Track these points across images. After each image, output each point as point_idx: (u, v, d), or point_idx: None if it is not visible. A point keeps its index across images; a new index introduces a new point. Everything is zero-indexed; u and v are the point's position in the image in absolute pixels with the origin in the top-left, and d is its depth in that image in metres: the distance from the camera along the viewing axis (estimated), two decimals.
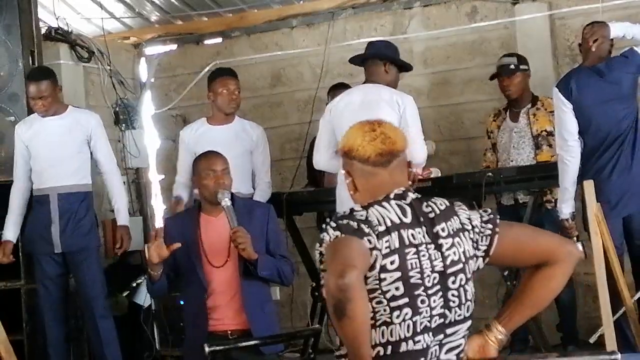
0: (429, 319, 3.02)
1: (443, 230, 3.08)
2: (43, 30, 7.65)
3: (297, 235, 7.30)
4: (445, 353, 3.08)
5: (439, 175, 6.79)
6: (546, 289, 3.19)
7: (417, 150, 6.10)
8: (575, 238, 6.07)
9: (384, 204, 3.07)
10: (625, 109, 6.00)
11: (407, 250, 3.01)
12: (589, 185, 5.54)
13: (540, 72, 7.42)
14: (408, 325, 2.99)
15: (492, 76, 7.04)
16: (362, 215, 3.02)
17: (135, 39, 8.94)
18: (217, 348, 4.17)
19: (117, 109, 8.35)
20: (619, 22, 6.20)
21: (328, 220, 3.06)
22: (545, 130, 6.83)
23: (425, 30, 7.94)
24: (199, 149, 6.53)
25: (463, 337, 3.12)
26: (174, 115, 8.80)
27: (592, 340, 5.58)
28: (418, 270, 3.01)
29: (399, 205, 3.07)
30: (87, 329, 6.78)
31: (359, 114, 6.11)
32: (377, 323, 3.00)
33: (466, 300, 3.10)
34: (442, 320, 3.05)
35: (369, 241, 2.96)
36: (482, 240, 3.14)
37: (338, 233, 2.98)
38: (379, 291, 2.98)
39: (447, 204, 3.16)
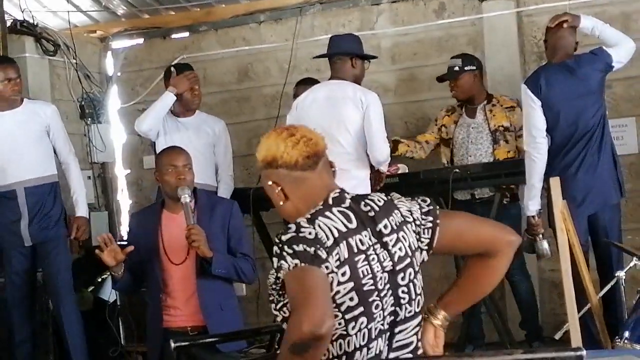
0: (382, 321, 2.98)
1: (386, 227, 3.03)
2: (8, 23, 7.61)
3: (264, 231, 7.29)
4: (393, 351, 3.01)
5: (406, 171, 6.80)
6: (488, 278, 3.22)
7: (380, 148, 6.11)
8: (541, 235, 6.08)
9: (327, 213, 3.00)
10: (593, 105, 6.02)
11: (356, 258, 2.94)
12: (555, 182, 5.55)
13: (507, 69, 7.45)
14: (364, 334, 2.94)
15: (438, 78, 7.06)
16: (310, 234, 2.92)
17: (102, 32, 8.88)
18: (183, 344, 4.15)
19: (83, 103, 8.30)
20: (589, 16, 6.23)
21: (280, 242, 2.94)
22: (502, 126, 6.88)
23: (393, 26, 7.94)
24: (160, 140, 6.53)
25: (414, 334, 3.07)
26: (140, 109, 8.71)
27: (557, 336, 5.59)
28: (370, 276, 2.95)
29: (341, 212, 3.01)
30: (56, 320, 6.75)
31: (324, 111, 6.16)
32: (334, 337, 2.93)
33: (416, 295, 3.05)
34: (392, 318, 3.00)
35: (327, 267, 2.89)
36: (424, 233, 3.09)
37: (297, 261, 2.87)
38: (334, 305, 2.90)
39: (385, 198, 3.12)
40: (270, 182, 3.12)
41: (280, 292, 2.97)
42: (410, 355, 3.02)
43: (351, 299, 2.91)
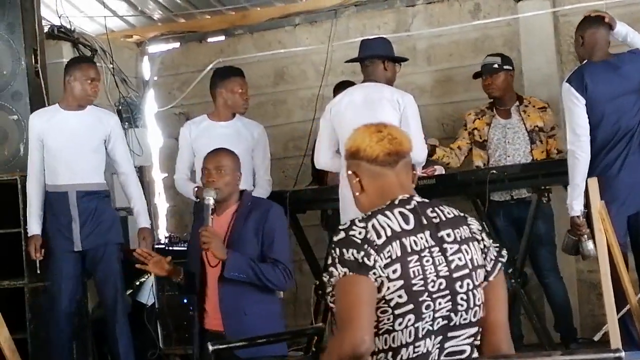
0: (431, 322, 3.05)
1: (448, 235, 3.12)
2: (46, 29, 7.64)
3: (301, 234, 7.29)
4: (446, 356, 3.09)
5: (443, 172, 6.79)
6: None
7: (417, 149, 6.09)
8: (585, 236, 5.98)
9: (387, 212, 3.11)
10: (635, 103, 5.96)
11: (409, 258, 3.04)
12: (592, 183, 5.52)
13: (544, 70, 7.42)
14: (410, 332, 3.03)
15: (475, 74, 7.05)
16: (360, 234, 3.04)
17: (138, 37, 8.93)
18: (221, 347, 4.16)
19: (120, 108, 8.33)
20: (622, 23, 6.19)
21: (333, 243, 3.08)
22: (537, 126, 6.87)
23: (429, 27, 7.93)
24: (200, 144, 6.55)
25: (469, 343, 3.13)
26: (177, 113, 8.78)
27: (596, 338, 5.57)
28: (421, 277, 3.03)
29: (401, 213, 3.11)
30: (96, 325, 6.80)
31: (361, 113, 6.13)
32: (380, 331, 3.04)
33: (474, 305, 3.11)
34: (445, 322, 3.08)
35: (374, 273, 3.00)
36: (488, 260, 3.20)
37: (346, 270, 3.01)
38: (383, 301, 3.02)
39: (457, 213, 3.22)
40: (350, 172, 3.26)
41: (333, 296, 3.11)
42: None
43: (400, 296, 3.01)
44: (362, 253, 3.00)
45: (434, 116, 7.87)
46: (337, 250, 3.04)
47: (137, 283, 7.60)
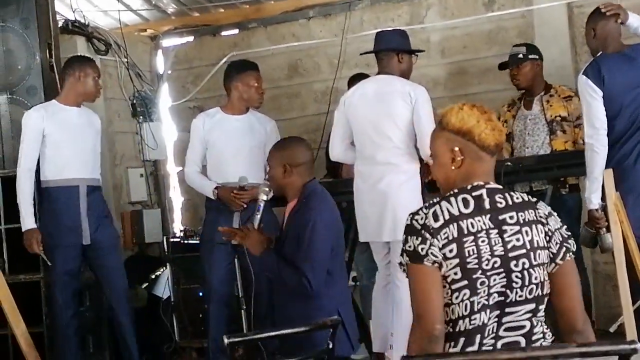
0: (486, 297, 3.27)
1: (511, 218, 3.33)
2: (60, 24, 7.66)
3: None
4: (505, 331, 3.31)
5: None
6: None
7: (428, 142, 6.07)
8: (604, 229, 5.91)
9: (452, 198, 3.35)
10: None
11: (464, 239, 3.27)
12: (608, 174, 5.50)
13: (558, 61, 7.39)
14: (466, 305, 3.27)
15: (500, 65, 7.02)
16: (421, 219, 3.32)
17: (152, 31, 8.95)
18: (236, 339, 4.15)
19: (135, 102, 8.36)
20: (635, 14, 6.16)
21: (404, 232, 3.37)
22: (560, 116, 6.83)
23: (443, 20, 7.92)
24: (213, 136, 6.54)
25: (528, 319, 3.33)
26: (191, 107, 8.80)
27: (612, 329, 5.56)
28: (475, 256, 3.26)
29: (463, 199, 3.34)
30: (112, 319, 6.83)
31: (372, 106, 6.15)
32: (443, 303, 3.29)
33: (530, 283, 3.30)
34: (502, 298, 3.29)
35: (428, 260, 3.27)
36: (554, 243, 3.37)
37: (407, 259, 3.32)
38: (442, 277, 3.29)
39: (526, 198, 3.42)
40: (457, 148, 3.43)
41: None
42: (522, 339, 3.32)
43: (455, 273, 3.26)
44: (419, 240, 3.29)
45: None
46: (405, 236, 3.35)
47: (153, 276, 7.63)
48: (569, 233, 3.42)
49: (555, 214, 3.44)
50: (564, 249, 3.37)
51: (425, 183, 6.12)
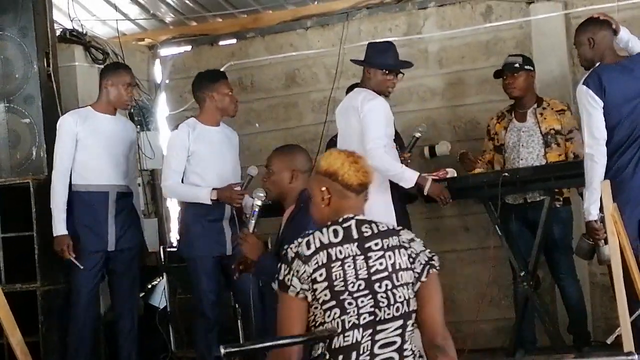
0: (357, 317, 3.63)
1: (376, 244, 3.70)
2: (58, 32, 7.66)
3: None
4: (379, 348, 3.65)
5: (455, 175, 6.77)
6: None
7: (369, 155, 5.99)
8: (603, 241, 5.84)
9: (324, 229, 3.74)
10: None
11: (332, 265, 3.64)
12: (605, 185, 5.50)
13: (556, 72, 7.40)
14: (337, 323, 3.63)
15: (496, 73, 7.03)
16: (295, 248, 3.70)
17: (150, 40, 8.94)
18: (233, 350, 4.15)
19: (132, 111, 8.33)
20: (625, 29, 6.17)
21: (283, 256, 3.72)
22: (554, 129, 6.85)
23: (440, 30, 7.92)
24: (198, 148, 6.47)
25: (398, 335, 3.66)
26: (188, 116, 8.72)
27: (609, 341, 5.54)
28: (342, 279, 3.63)
29: (334, 230, 3.73)
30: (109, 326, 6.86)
31: (340, 120, 6.49)
32: (316, 324, 3.67)
33: (395, 302, 3.65)
34: (372, 317, 3.64)
35: (296, 289, 3.65)
36: (417, 264, 3.72)
37: (276, 287, 3.72)
38: (315, 299, 3.65)
39: (390, 227, 3.80)
40: (324, 188, 3.82)
41: None
42: (396, 354, 3.65)
43: (326, 295, 3.63)
44: (287, 271, 3.68)
45: (446, 119, 7.86)
46: (279, 265, 3.73)
47: (149, 286, 7.62)
48: (434, 253, 3.76)
49: (418, 239, 3.78)
50: (428, 266, 3.71)
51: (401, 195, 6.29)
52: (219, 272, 6.37)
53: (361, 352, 3.62)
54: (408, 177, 6.27)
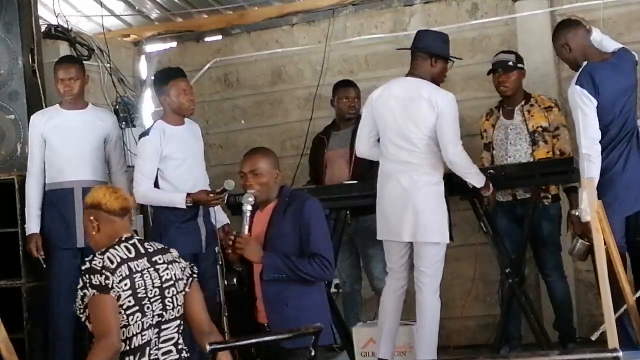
0: (151, 318, 4.44)
1: (160, 259, 4.57)
2: (43, 28, 7.63)
3: None
4: (162, 342, 4.49)
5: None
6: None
7: (449, 149, 6.04)
8: None
9: (116, 247, 4.49)
10: (635, 101, 5.96)
11: (134, 276, 4.42)
12: (589, 182, 5.50)
13: (541, 69, 7.41)
14: (138, 325, 4.41)
15: (490, 71, 7.02)
16: (99, 263, 4.39)
17: (135, 36, 8.93)
18: (218, 346, 4.16)
19: (117, 107, 8.31)
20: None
21: (83, 271, 4.42)
22: (541, 126, 6.85)
23: (426, 27, 7.88)
24: (170, 150, 6.39)
25: (176, 331, 4.55)
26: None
27: (593, 337, 5.55)
28: (143, 288, 4.43)
29: (125, 246, 4.51)
30: None
31: (398, 109, 6.15)
32: (121, 326, 4.35)
33: (177, 305, 4.56)
34: (159, 318, 4.48)
35: (114, 290, 4.35)
36: (185, 276, 4.64)
37: (94, 291, 4.34)
38: (120, 306, 4.36)
39: (161, 246, 4.68)
40: (92, 218, 4.59)
41: (85, 309, 4.42)
42: (173, 347, 4.52)
43: (130, 301, 4.38)
44: (103, 277, 4.34)
45: None
46: (87, 276, 4.37)
47: None
48: (193, 264, 4.78)
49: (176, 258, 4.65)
50: (191, 278, 4.66)
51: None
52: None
53: (152, 346, 4.45)
54: (481, 178, 6.27)
